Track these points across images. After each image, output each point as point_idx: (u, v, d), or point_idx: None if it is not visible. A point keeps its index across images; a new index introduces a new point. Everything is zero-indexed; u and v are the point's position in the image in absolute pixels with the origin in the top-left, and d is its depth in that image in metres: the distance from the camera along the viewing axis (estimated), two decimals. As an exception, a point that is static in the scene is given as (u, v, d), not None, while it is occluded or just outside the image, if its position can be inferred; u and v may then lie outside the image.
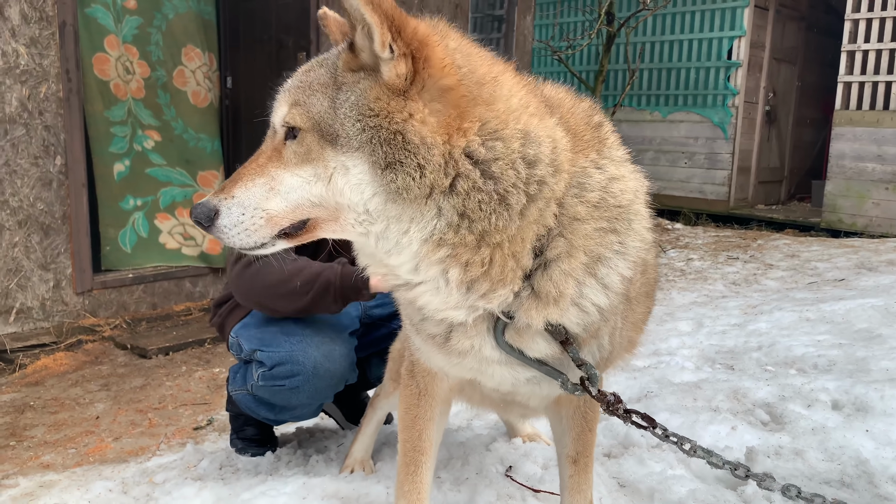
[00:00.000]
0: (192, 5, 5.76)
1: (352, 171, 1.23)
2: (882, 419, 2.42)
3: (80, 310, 4.98)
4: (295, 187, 1.27)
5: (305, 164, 1.26)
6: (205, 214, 1.31)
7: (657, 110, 10.45)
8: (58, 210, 4.79)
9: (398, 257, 1.30)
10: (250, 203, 1.29)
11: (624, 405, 1.48)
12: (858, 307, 4.02)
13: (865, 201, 8.47)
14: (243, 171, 1.32)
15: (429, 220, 1.24)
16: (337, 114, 1.23)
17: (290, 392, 2.22)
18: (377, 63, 1.22)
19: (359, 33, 1.22)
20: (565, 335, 1.38)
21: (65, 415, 3.72)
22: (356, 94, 1.23)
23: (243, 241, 1.31)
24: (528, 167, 1.25)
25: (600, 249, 1.34)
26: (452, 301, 1.32)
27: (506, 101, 1.28)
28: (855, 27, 8.51)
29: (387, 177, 1.21)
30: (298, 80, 1.32)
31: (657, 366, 3.43)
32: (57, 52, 4.67)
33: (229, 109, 6.32)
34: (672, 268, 6.88)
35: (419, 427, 1.73)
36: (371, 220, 1.27)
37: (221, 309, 2.54)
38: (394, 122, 1.20)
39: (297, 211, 1.29)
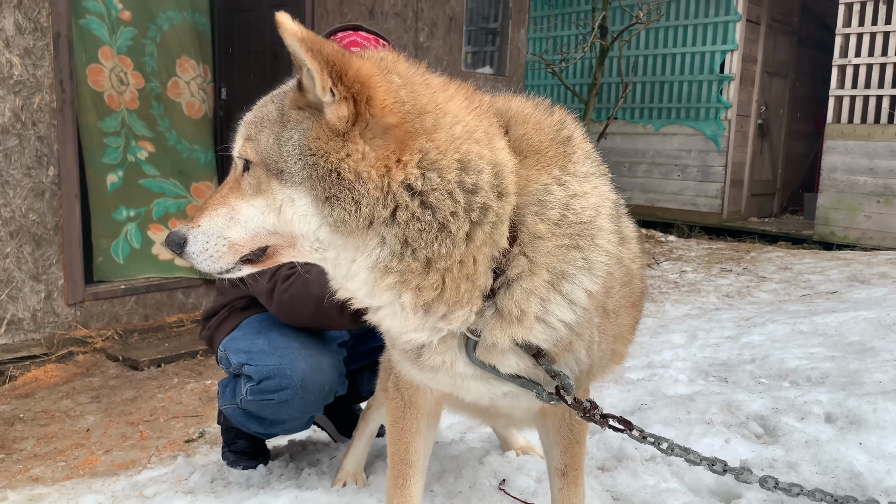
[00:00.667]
0: (187, 17, 5.77)
1: (297, 202, 1.28)
2: (875, 432, 2.42)
3: (72, 321, 4.95)
4: (251, 217, 1.33)
5: (258, 195, 1.32)
6: (175, 242, 1.39)
7: (650, 123, 10.51)
8: (50, 221, 4.77)
9: (353, 283, 1.35)
10: (213, 231, 1.36)
11: (600, 410, 1.47)
12: (851, 320, 4.03)
13: (857, 214, 8.52)
14: (209, 201, 1.39)
15: (372, 249, 1.28)
16: (281, 151, 1.28)
17: (279, 406, 2.21)
18: (321, 104, 1.25)
19: (304, 74, 1.26)
20: (536, 349, 1.39)
21: (55, 427, 3.69)
22: (299, 132, 1.27)
23: (210, 267, 1.38)
24: (468, 194, 1.26)
25: (563, 266, 1.35)
26: (412, 324, 1.36)
27: (448, 130, 1.29)
28: (846, 42, 8.59)
29: (325, 210, 1.25)
30: (253, 114, 1.37)
31: (651, 378, 3.42)
32: (51, 62, 4.66)
33: (224, 120, 6.31)
34: (666, 280, 6.90)
35: (406, 440, 1.73)
36: (324, 248, 1.31)
37: (210, 322, 2.52)
38: (329, 161, 1.24)
39: (256, 239, 1.35)
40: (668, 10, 10.03)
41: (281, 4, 5.90)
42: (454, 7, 7.31)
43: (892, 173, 8.22)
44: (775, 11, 10.23)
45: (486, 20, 8.13)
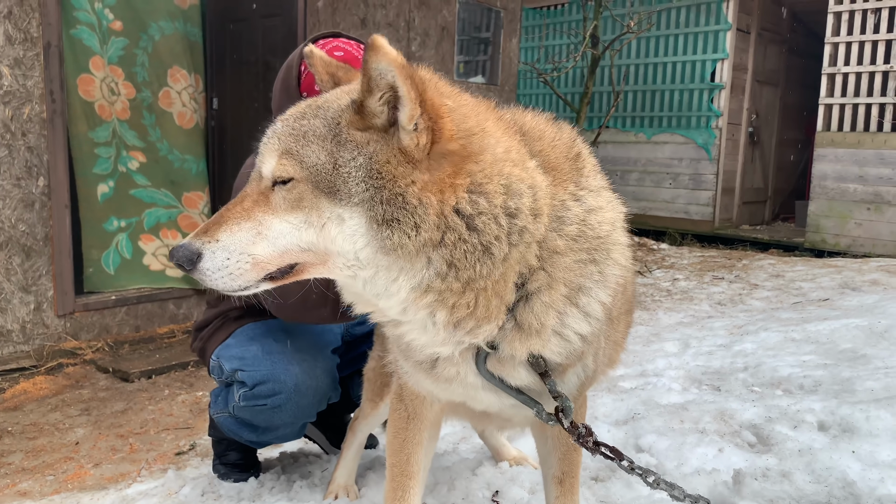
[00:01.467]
0: (179, 27, 5.76)
1: (347, 222, 1.25)
2: (868, 440, 2.42)
3: (62, 332, 4.91)
4: (284, 233, 1.28)
5: (296, 210, 1.27)
6: (186, 258, 1.30)
7: (642, 132, 10.56)
8: (40, 232, 4.74)
9: (386, 301, 1.32)
10: (236, 248, 1.28)
11: (594, 437, 1.50)
12: (843, 327, 4.04)
13: (848, 221, 8.56)
14: (227, 215, 1.32)
15: (418, 271, 1.27)
16: (338, 170, 1.24)
17: (272, 411, 2.20)
18: (388, 127, 1.24)
19: (376, 98, 1.23)
20: (545, 367, 1.41)
21: (43, 440, 3.65)
22: (365, 155, 1.24)
23: (227, 285, 1.31)
24: (510, 218, 1.28)
25: (580, 280, 1.37)
26: (440, 339, 1.36)
27: (492, 152, 1.30)
28: (835, 50, 8.66)
29: (383, 232, 1.23)
30: (290, 127, 1.31)
31: (644, 387, 3.42)
32: (41, 73, 4.64)
33: (215, 130, 6.30)
34: (658, 288, 6.90)
35: (407, 451, 1.72)
36: (360, 266, 1.29)
37: (202, 333, 2.51)
38: (397, 186, 1.23)
39: (285, 256, 1.30)
40: (659, 19, 10.11)
41: (273, 15, 5.93)
42: (446, 17, 7.33)
43: (882, 181, 8.28)
44: (765, 21, 10.32)
45: (478, 30, 8.16)
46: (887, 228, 8.27)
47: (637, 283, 6.96)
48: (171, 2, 5.71)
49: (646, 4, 10.19)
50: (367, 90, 1.22)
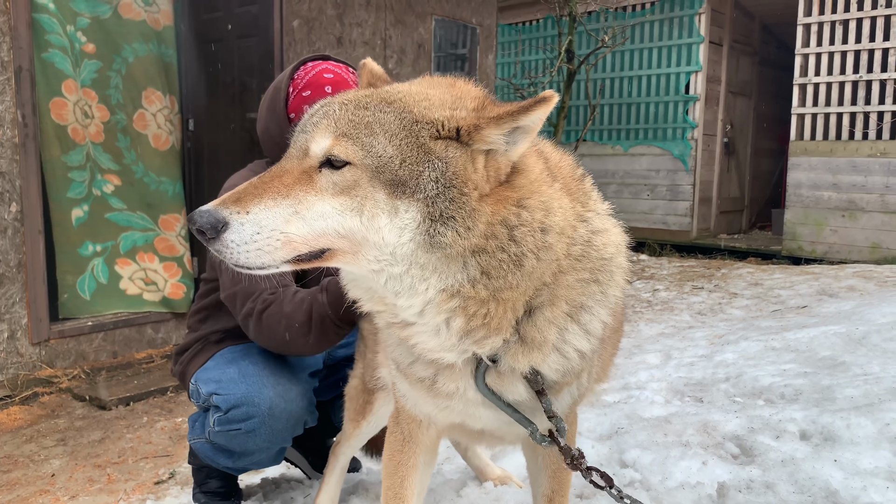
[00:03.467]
0: (153, 48, 5.73)
1: (402, 214, 1.25)
2: (849, 448, 2.43)
3: (37, 361, 4.81)
4: (325, 215, 1.26)
5: (344, 195, 1.26)
6: (211, 224, 1.22)
7: (619, 144, 10.65)
8: (13, 258, 4.66)
9: (408, 300, 1.32)
10: (268, 223, 1.24)
11: (586, 462, 1.52)
12: (822, 335, 4.07)
13: (823, 228, 8.67)
14: (262, 188, 1.27)
15: (453, 273, 1.28)
16: (408, 167, 1.25)
17: (246, 436, 2.16)
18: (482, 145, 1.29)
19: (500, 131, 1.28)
20: (541, 386, 1.42)
21: (18, 473, 3.56)
22: (443, 160, 1.26)
23: (251, 261, 1.25)
24: (543, 234, 1.31)
25: (582, 299, 1.40)
26: (448, 344, 1.36)
27: (533, 170, 1.35)
28: (805, 61, 8.81)
29: (436, 228, 1.25)
30: (349, 113, 1.30)
31: (627, 400, 3.41)
32: (12, 97, 4.58)
33: (191, 152, 6.25)
34: (639, 299, 6.93)
35: (402, 474, 1.71)
36: (392, 262, 1.28)
37: (183, 356, 2.48)
38: (467, 188, 1.26)
39: (321, 239, 1.27)
40: (633, 33, 10.24)
41: (249, 35, 5.92)
42: (422, 34, 7.36)
43: (855, 188, 8.41)
44: (736, 33, 10.48)
45: (455, 46, 8.19)
46: (861, 234, 8.39)
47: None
48: (145, 23, 5.68)
49: (619, 19, 10.32)
50: (498, 123, 1.27)
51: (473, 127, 1.27)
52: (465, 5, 7.91)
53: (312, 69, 2.43)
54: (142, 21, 5.65)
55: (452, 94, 1.37)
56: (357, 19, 6.59)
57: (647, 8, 10.31)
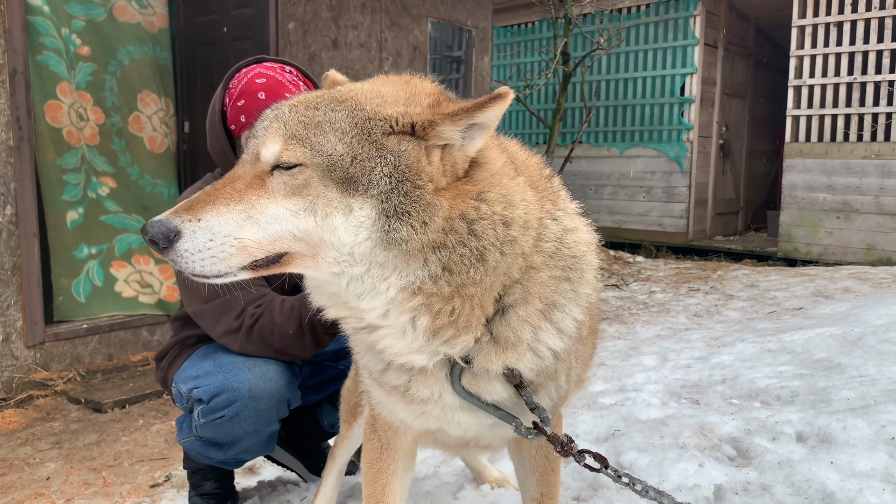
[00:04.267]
0: (148, 51, 5.72)
1: (356, 212, 1.24)
2: (845, 450, 2.43)
3: (32, 364, 4.79)
4: (278, 218, 1.24)
5: (296, 196, 1.24)
6: (162, 234, 1.21)
7: (614, 146, 10.67)
8: (7, 261, 4.64)
9: (370, 301, 1.30)
10: (221, 229, 1.22)
11: (577, 446, 1.49)
12: (817, 336, 4.08)
13: (819, 230, 8.70)
14: (214, 195, 1.25)
15: (413, 271, 1.26)
16: (359, 164, 1.24)
17: (231, 422, 2.16)
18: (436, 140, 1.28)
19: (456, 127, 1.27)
20: (520, 379, 1.41)
21: (13, 477, 3.54)
22: (395, 154, 1.25)
23: (206, 269, 1.23)
24: (505, 228, 1.29)
25: (555, 297, 1.39)
26: (416, 346, 1.33)
27: (493, 164, 1.34)
28: (800, 63, 8.84)
29: (391, 224, 1.23)
30: (299, 114, 1.29)
31: (623, 403, 3.41)
32: (7, 100, 4.57)
33: (187, 154, 6.24)
34: (635, 301, 6.94)
35: (382, 481, 1.69)
36: (352, 263, 1.26)
37: (162, 363, 2.49)
38: (420, 182, 1.25)
39: (276, 243, 1.25)
40: (628, 35, 10.26)
41: (244, 38, 5.91)
42: (418, 37, 7.36)
43: (850, 189, 8.43)
44: (731, 35, 10.51)
45: (450, 49, 8.20)
46: (856, 236, 8.42)
47: (614, 297, 6.99)
48: (140, 26, 5.67)
49: (615, 21, 10.34)
50: (454, 119, 1.26)
51: (428, 123, 1.26)
52: (461, 7, 7.91)
53: (245, 76, 2.41)
54: (137, 23, 5.64)
55: (407, 90, 1.36)
56: (352, 22, 6.59)
57: (643, 10, 10.33)
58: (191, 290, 2.25)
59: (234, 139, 2.44)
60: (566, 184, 1.60)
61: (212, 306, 2.20)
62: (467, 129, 1.27)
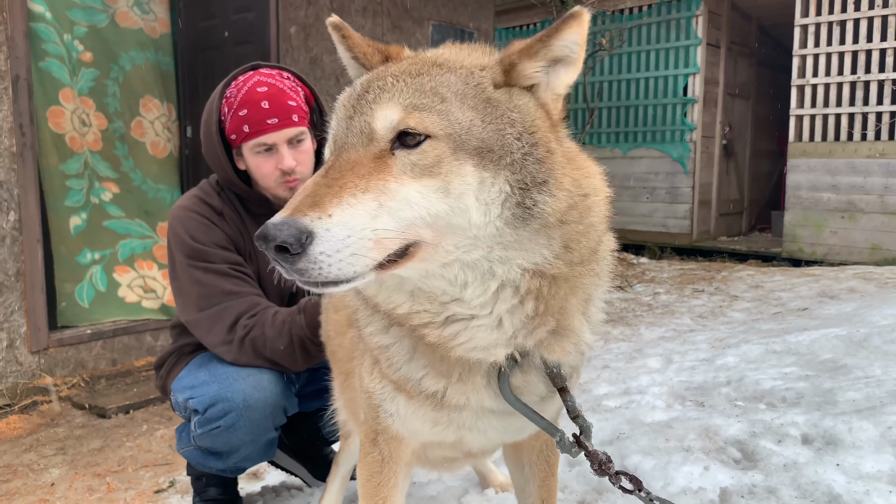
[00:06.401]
0: (150, 56, 5.73)
1: (489, 188, 1.11)
2: (852, 452, 2.41)
3: (36, 369, 4.80)
4: (412, 203, 1.08)
5: (428, 176, 1.09)
6: (295, 237, 1.00)
7: (618, 147, 10.65)
8: (11, 267, 4.65)
9: (479, 287, 1.17)
10: (357, 223, 1.04)
11: (614, 466, 1.42)
12: (822, 337, 4.06)
13: (823, 230, 8.66)
14: (337, 184, 1.07)
15: (539, 249, 1.16)
16: (488, 127, 1.12)
17: (227, 432, 2.16)
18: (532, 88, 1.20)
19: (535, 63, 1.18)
20: (564, 382, 1.35)
21: (17, 483, 3.55)
22: (515, 111, 1.16)
23: (344, 271, 1.03)
24: (598, 207, 1.26)
25: (591, 289, 1.35)
26: (506, 336, 1.22)
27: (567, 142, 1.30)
28: (803, 62, 8.81)
29: (531, 197, 1.12)
30: (410, 83, 1.15)
31: (628, 405, 3.40)
32: (10, 106, 4.58)
33: (189, 159, 6.24)
34: (639, 302, 6.92)
35: (383, 495, 1.63)
36: (472, 247, 1.13)
37: (161, 371, 2.50)
38: (550, 143, 1.17)
39: (408, 232, 1.08)
40: (631, 36, 10.24)
41: (246, 42, 5.92)
42: (419, 39, 7.36)
43: (854, 189, 8.40)
44: (734, 35, 10.49)
45: (452, 51, 8.20)
46: (861, 236, 8.38)
47: (618, 299, 6.97)
48: (142, 32, 5.68)
49: (617, 22, 10.33)
50: (532, 54, 1.17)
51: (510, 65, 1.17)
52: (462, 10, 7.91)
53: (244, 84, 2.37)
54: (139, 29, 5.66)
55: (479, 50, 1.30)
56: (354, 25, 6.57)
57: (645, 11, 10.32)
58: (186, 299, 2.26)
59: (231, 149, 2.44)
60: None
61: (206, 315, 2.20)
62: (550, 66, 1.18)
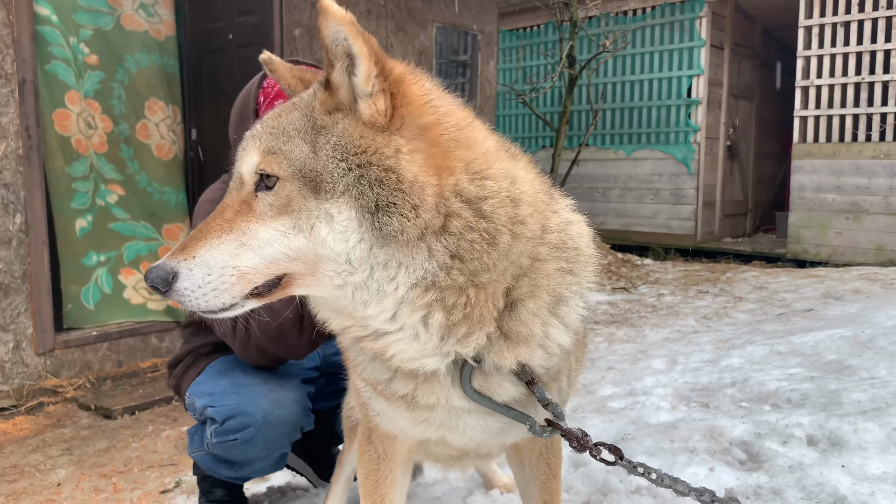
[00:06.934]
0: (155, 59, 5.75)
1: (336, 218, 1.18)
2: (857, 453, 2.41)
3: (42, 371, 4.82)
4: (270, 240, 1.20)
5: (283, 215, 1.20)
6: (161, 278, 1.19)
7: (621, 149, 10.65)
8: (17, 269, 4.67)
9: (378, 306, 1.23)
10: (217, 262, 1.20)
11: (591, 439, 1.43)
12: (827, 338, 4.05)
13: (828, 231, 8.65)
14: (206, 229, 1.23)
15: (420, 263, 1.19)
16: (318, 157, 1.19)
17: (244, 445, 2.16)
18: (354, 100, 1.21)
19: (337, 69, 1.21)
20: (531, 375, 1.35)
21: (24, 483, 3.56)
22: (337, 134, 1.20)
23: (209, 303, 1.20)
24: (514, 206, 1.25)
25: (561, 290, 1.34)
26: (429, 347, 1.27)
27: (483, 144, 1.29)
28: (807, 64, 8.80)
29: (379, 220, 1.16)
30: (269, 125, 1.26)
31: (633, 406, 3.40)
32: (16, 109, 4.60)
33: (194, 161, 6.27)
34: (644, 304, 6.91)
35: (381, 492, 1.65)
36: (351, 270, 1.21)
37: (176, 370, 2.49)
38: (385, 158, 1.17)
39: (273, 266, 1.21)
40: (634, 37, 10.25)
41: (250, 45, 5.94)
42: (423, 42, 7.38)
43: (859, 190, 8.39)
44: (738, 36, 10.49)
45: (456, 53, 8.21)
46: (866, 237, 8.37)
47: (622, 300, 6.97)
48: (147, 34, 5.70)
49: (620, 23, 10.34)
50: (329, 64, 1.21)
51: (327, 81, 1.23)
52: (466, 12, 7.92)
53: (274, 86, 2.42)
54: (144, 32, 5.68)
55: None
56: (358, 27, 6.61)
57: (648, 12, 10.32)
58: None
59: None
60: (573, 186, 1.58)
61: None
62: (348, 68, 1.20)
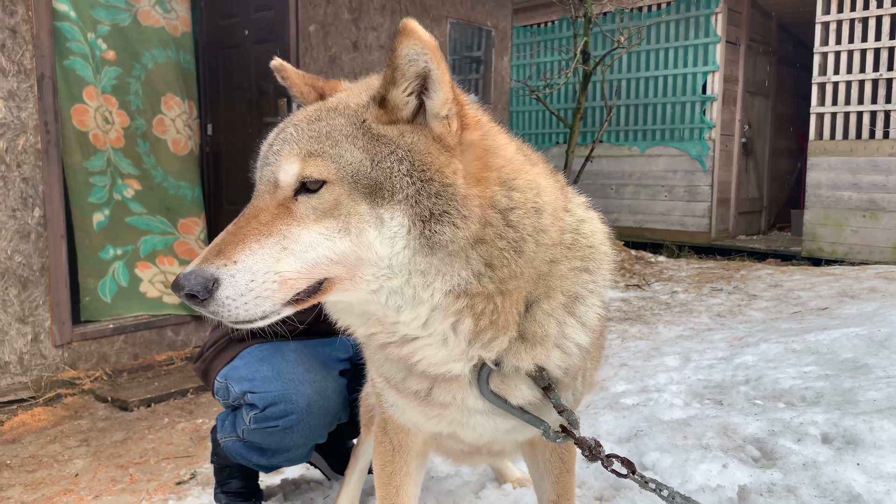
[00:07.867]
0: (171, 55, 5.79)
1: (387, 223, 1.18)
2: (872, 452, 2.40)
3: (60, 363, 4.88)
4: (314, 244, 1.18)
5: (328, 218, 1.19)
6: (201, 286, 1.13)
7: (636, 145, 10.60)
8: (36, 262, 4.73)
9: (411, 312, 1.25)
10: (259, 267, 1.15)
11: (604, 450, 1.46)
12: (843, 336, 4.03)
13: (844, 229, 8.58)
14: (240, 233, 1.19)
15: (457, 272, 1.22)
16: (378, 167, 1.19)
17: (283, 433, 2.17)
18: (414, 117, 1.23)
19: (400, 90, 1.21)
20: (548, 381, 1.37)
21: (43, 473, 3.61)
22: (403, 149, 1.20)
23: (249, 312, 1.16)
24: (538, 216, 1.27)
25: (577, 289, 1.36)
26: (457, 353, 1.30)
27: (507, 149, 1.31)
28: (824, 60, 8.72)
29: (430, 228, 1.18)
30: (307, 130, 1.24)
31: (646, 403, 3.40)
32: (35, 104, 4.66)
33: (210, 156, 6.31)
34: (657, 301, 6.89)
35: (396, 483, 1.68)
36: (390, 275, 1.21)
37: (206, 353, 2.49)
38: (446, 177, 1.19)
39: (315, 270, 1.19)
40: (649, 33, 10.19)
41: (265, 41, 5.97)
42: (437, 37, 7.37)
43: (876, 187, 8.31)
44: (753, 32, 10.41)
45: (470, 49, 8.21)
46: (883, 235, 8.29)
47: (636, 297, 6.95)
48: (164, 30, 5.75)
49: (635, 19, 10.28)
50: (391, 82, 1.21)
51: (382, 98, 1.23)
52: (480, 8, 7.92)
53: None
54: (161, 28, 5.72)
55: (365, 83, 1.36)
56: (372, 23, 6.62)
57: (663, 8, 10.26)
58: None
59: None
60: (587, 183, 1.59)
61: None
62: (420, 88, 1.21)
